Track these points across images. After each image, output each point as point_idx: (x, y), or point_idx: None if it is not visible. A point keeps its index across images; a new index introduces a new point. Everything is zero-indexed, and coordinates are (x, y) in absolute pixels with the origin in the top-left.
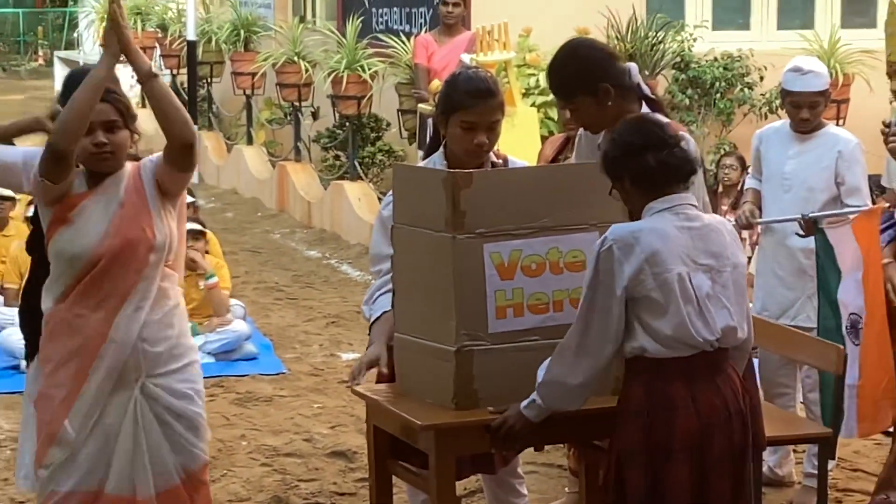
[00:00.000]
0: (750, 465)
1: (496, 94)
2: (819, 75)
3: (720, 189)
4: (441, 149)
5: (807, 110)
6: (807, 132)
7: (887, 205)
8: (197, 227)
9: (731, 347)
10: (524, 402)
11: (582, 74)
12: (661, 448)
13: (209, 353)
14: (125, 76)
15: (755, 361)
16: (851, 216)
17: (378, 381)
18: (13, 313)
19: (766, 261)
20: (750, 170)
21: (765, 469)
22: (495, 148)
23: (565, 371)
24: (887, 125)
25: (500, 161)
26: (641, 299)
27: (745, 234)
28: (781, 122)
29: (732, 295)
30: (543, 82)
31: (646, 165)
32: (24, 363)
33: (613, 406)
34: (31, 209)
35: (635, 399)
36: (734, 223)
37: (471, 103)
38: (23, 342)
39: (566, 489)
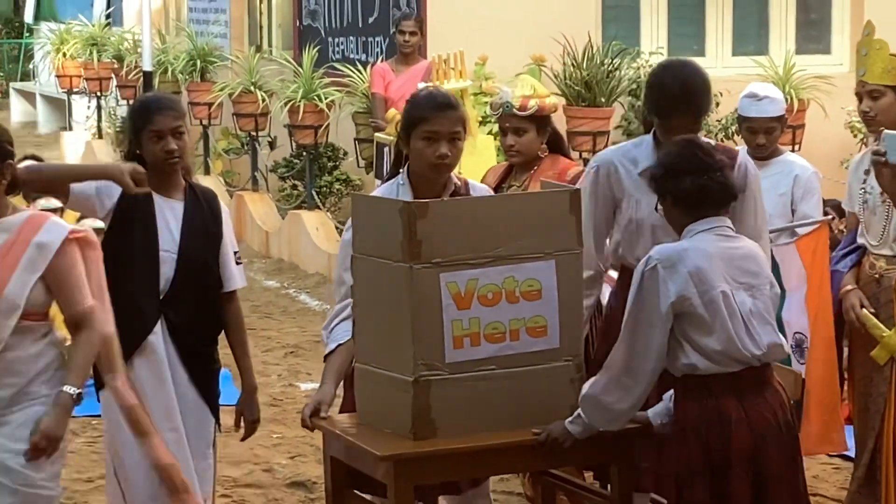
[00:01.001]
0: (804, 474)
1: (457, 107)
2: (774, 101)
3: None
4: (404, 171)
5: (763, 136)
6: (763, 158)
7: (843, 227)
8: None
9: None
10: (570, 418)
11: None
12: (721, 464)
13: None
14: (81, 106)
15: None
16: (798, 233)
17: (342, 411)
18: None
19: None
20: None
21: None
22: (457, 170)
23: (611, 396)
24: (882, 154)
25: (462, 183)
26: (688, 316)
27: None
28: (740, 148)
29: (772, 312)
30: None
31: (684, 188)
32: None
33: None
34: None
35: (691, 417)
36: None
37: (432, 114)
38: None
39: None
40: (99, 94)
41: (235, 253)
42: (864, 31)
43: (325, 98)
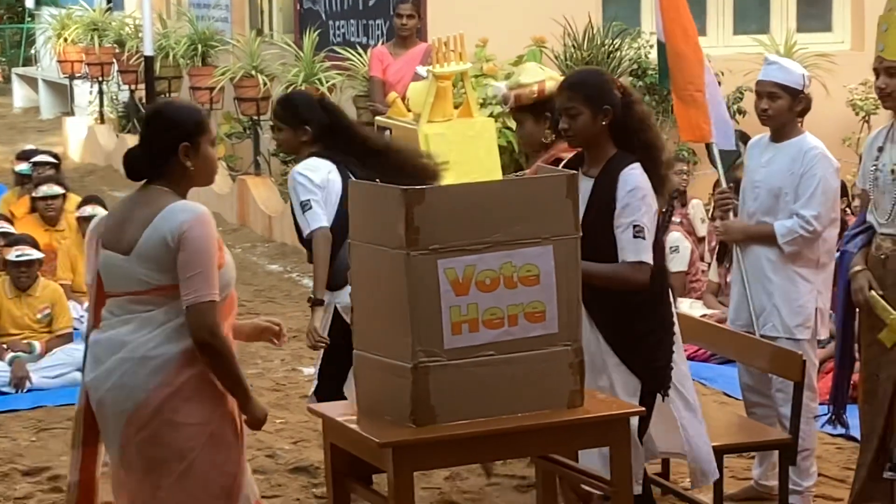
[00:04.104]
0: None
1: None
2: (783, 68)
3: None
4: None
5: (766, 100)
6: (777, 137)
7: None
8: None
9: None
10: None
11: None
12: None
13: None
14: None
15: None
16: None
17: None
18: None
19: (736, 269)
20: None
21: (752, 483)
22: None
23: None
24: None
25: None
26: None
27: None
28: (767, 133)
29: None
30: None
31: None
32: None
33: (569, 419)
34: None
35: None
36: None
37: None
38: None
39: None
40: (100, 79)
41: None
42: (887, 6)
43: (327, 81)
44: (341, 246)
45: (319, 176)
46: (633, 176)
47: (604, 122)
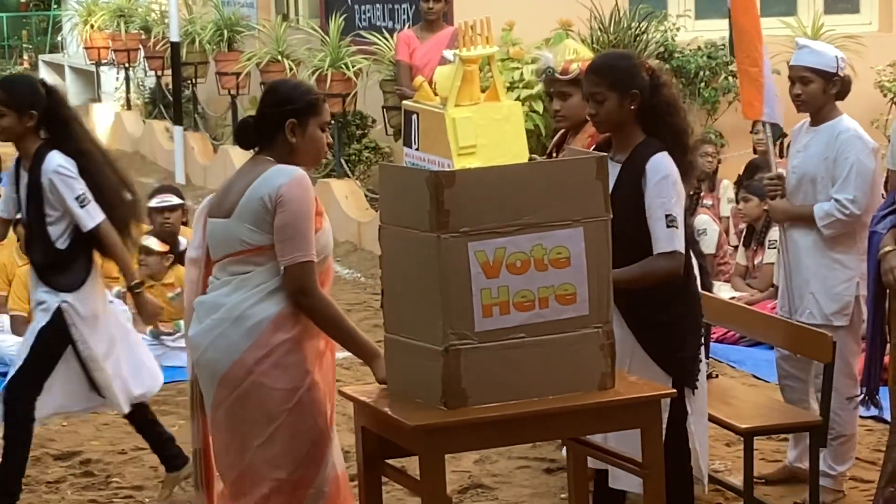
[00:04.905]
0: None
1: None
2: (814, 52)
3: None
4: None
5: (799, 86)
6: (815, 122)
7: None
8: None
9: None
10: None
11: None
12: None
13: None
14: (110, 78)
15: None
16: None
17: None
18: (3, 320)
19: (780, 256)
20: None
21: (785, 463)
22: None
23: None
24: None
25: None
26: None
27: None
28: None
29: None
30: (528, 75)
31: None
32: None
33: (601, 401)
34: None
35: None
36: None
37: None
38: (13, 348)
39: None
40: (127, 65)
41: None
42: None
43: (353, 66)
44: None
45: (75, 168)
46: (662, 164)
47: (631, 107)
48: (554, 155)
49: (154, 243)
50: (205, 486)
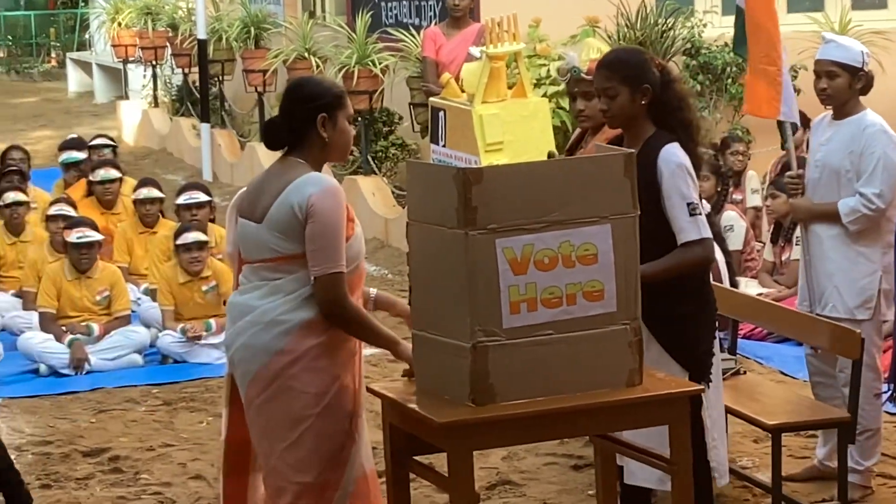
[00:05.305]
0: None
1: None
2: (840, 46)
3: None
4: None
5: (825, 80)
6: (838, 115)
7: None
8: (202, 237)
9: None
10: None
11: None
12: None
13: None
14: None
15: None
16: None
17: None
18: (32, 317)
19: (801, 250)
20: None
21: (815, 462)
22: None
23: None
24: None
25: None
26: None
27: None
28: (829, 111)
29: None
30: (555, 72)
31: None
32: (43, 367)
33: (629, 398)
34: (53, 208)
35: None
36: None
37: None
38: (42, 345)
39: None
40: (154, 62)
41: None
42: None
43: (380, 63)
44: None
45: None
46: (674, 153)
47: (643, 102)
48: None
49: (197, 236)
50: (229, 475)
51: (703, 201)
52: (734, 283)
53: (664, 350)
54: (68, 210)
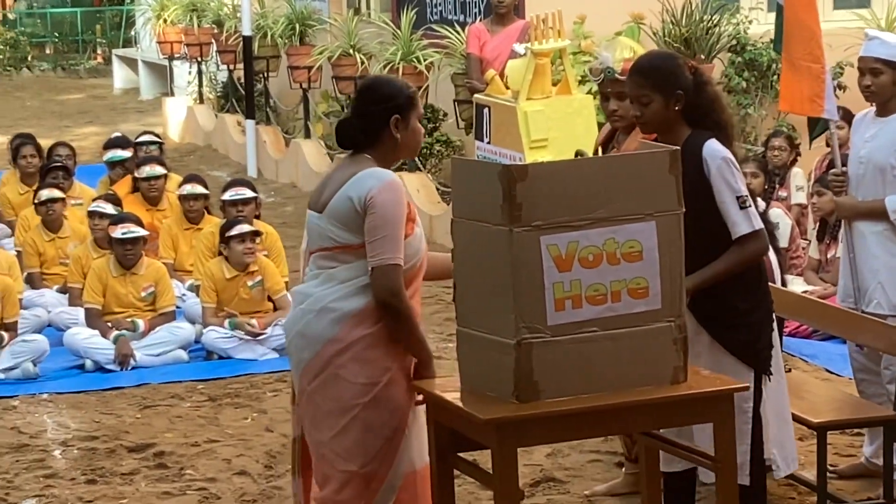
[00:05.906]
0: None
1: None
2: (885, 43)
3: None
4: None
5: (869, 76)
6: (882, 112)
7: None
8: (249, 227)
9: None
10: None
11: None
12: None
13: (273, 349)
14: (182, 72)
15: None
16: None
17: None
18: (77, 312)
19: (843, 246)
20: None
21: (861, 460)
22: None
23: None
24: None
25: None
26: None
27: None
28: (871, 108)
29: None
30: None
31: None
32: (89, 362)
33: (674, 395)
34: (93, 205)
35: None
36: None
37: None
38: (88, 340)
39: (624, 470)
40: (199, 59)
41: None
42: None
43: (424, 60)
44: None
45: None
46: (717, 148)
47: (676, 108)
48: (599, 153)
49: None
50: (301, 473)
51: (758, 199)
52: (783, 281)
53: (724, 349)
54: (105, 207)
